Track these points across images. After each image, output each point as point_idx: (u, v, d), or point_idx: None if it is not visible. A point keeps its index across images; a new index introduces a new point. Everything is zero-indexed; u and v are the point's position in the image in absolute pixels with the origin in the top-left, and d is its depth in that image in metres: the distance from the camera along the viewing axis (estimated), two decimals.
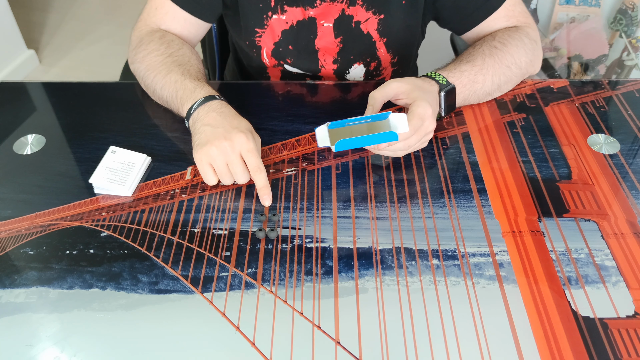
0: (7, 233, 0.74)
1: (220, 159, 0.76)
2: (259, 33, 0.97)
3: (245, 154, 0.76)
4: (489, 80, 0.88)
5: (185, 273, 0.69)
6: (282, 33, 0.97)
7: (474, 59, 0.87)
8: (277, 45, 0.99)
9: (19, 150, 0.86)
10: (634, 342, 0.61)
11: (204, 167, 0.76)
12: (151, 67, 0.88)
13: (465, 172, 0.81)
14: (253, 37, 0.98)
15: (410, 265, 0.69)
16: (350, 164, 0.83)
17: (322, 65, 1.01)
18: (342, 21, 0.95)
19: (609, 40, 1.73)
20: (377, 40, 0.98)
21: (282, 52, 1.00)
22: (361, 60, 1.01)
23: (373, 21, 0.95)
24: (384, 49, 1.00)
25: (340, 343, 0.61)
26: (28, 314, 0.65)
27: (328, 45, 0.98)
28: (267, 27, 0.96)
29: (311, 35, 0.97)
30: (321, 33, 0.96)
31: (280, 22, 0.95)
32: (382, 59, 1.01)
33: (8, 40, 2.27)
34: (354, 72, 1.03)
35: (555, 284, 0.67)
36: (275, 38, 0.98)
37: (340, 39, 0.97)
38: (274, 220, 0.75)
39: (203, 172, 0.77)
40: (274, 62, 1.02)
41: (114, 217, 0.76)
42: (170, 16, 0.94)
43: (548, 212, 0.75)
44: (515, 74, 0.91)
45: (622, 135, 0.87)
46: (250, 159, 0.76)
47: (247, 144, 0.76)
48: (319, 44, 0.98)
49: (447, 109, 0.86)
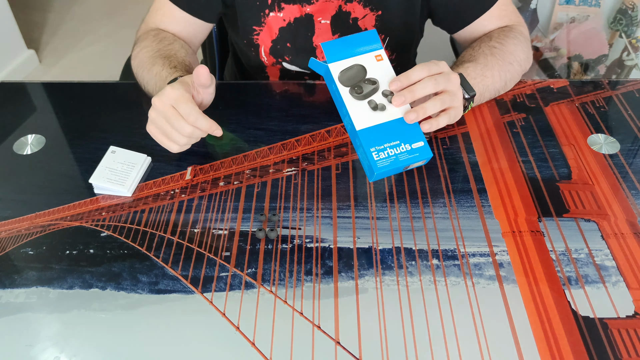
0: (7, 233, 0.74)
1: (159, 119, 0.74)
2: (256, 31, 0.97)
3: (176, 104, 0.72)
4: (497, 76, 0.87)
5: (185, 273, 0.69)
6: (279, 30, 0.97)
7: (476, 58, 0.87)
8: (274, 42, 0.99)
9: (19, 150, 0.86)
10: (634, 342, 0.61)
11: (157, 136, 0.76)
12: (141, 64, 0.89)
13: (465, 172, 0.81)
14: (251, 36, 0.98)
15: (410, 265, 0.69)
16: (350, 164, 0.83)
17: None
18: (340, 18, 0.95)
19: (609, 40, 1.73)
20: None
21: (280, 50, 1.00)
22: None
23: (371, 18, 0.95)
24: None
25: (340, 343, 0.61)
26: (28, 314, 0.65)
27: None
28: (265, 24, 0.96)
29: (308, 32, 0.97)
30: (319, 30, 0.96)
31: (278, 20, 0.96)
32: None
33: (8, 40, 2.27)
34: None
35: (555, 284, 0.67)
36: (272, 36, 0.98)
37: (338, 36, 0.97)
38: (274, 220, 0.75)
39: (160, 142, 0.76)
40: (273, 60, 1.02)
41: (114, 217, 0.76)
42: (169, 17, 0.94)
43: (548, 212, 0.75)
44: (517, 71, 0.91)
45: (622, 135, 0.87)
46: (181, 107, 0.72)
47: (172, 94, 0.72)
48: (316, 41, 0.98)
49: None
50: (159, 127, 0.75)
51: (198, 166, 0.83)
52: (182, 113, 0.72)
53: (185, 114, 0.72)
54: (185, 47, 0.93)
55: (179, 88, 0.73)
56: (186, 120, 0.72)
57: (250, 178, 0.82)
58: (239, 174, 0.82)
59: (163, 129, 0.74)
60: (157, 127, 0.75)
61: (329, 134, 0.88)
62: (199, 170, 0.83)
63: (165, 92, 0.73)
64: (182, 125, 0.73)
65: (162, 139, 0.76)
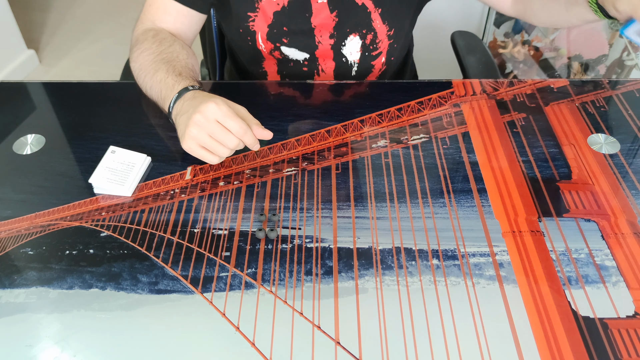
0: (7, 233, 0.74)
1: (202, 135, 0.75)
2: (251, 17, 0.97)
3: (223, 120, 0.74)
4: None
5: (185, 273, 0.69)
6: (274, 15, 0.97)
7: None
8: (270, 27, 0.98)
9: (18, 150, 0.86)
10: (634, 342, 0.61)
11: (198, 151, 0.76)
12: (143, 67, 0.89)
13: (465, 172, 0.81)
14: (246, 23, 0.98)
15: (410, 265, 0.69)
16: (350, 164, 0.83)
17: (319, 42, 1.01)
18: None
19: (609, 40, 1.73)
20: (373, 11, 0.98)
21: (277, 34, 0.99)
22: (357, 32, 1.01)
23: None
24: (379, 20, 0.99)
25: (340, 343, 0.61)
26: (28, 314, 0.65)
27: (324, 21, 0.98)
28: (259, 10, 0.96)
29: (306, 13, 0.97)
30: (316, 10, 0.96)
31: (271, 4, 0.96)
32: (377, 30, 1.01)
33: (8, 40, 2.27)
34: (350, 44, 1.02)
35: (555, 284, 0.67)
36: (268, 20, 0.97)
37: (336, 13, 0.97)
38: (273, 220, 0.75)
39: (201, 156, 0.76)
40: (270, 46, 1.01)
41: (113, 217, 0.76)
42: (162, 10, 0.94)
43: (548, 212, 0.75)
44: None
45: (622, 135, 0.87)
46: (229, 123, 0.74)
47: (218, 110, 0.74)
48: (315, 22, 0.98)
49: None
50: (204, 142, 0.75)
51: (198, 166, 0.83)
52: (231, 128, 0.74)
53: (234, 130, 0.74)
54: (185, 47, 0.93)
55: (223, 104, 0.75)
56: (235, 135, 0.75)
57: (250, 178, 0.82)
58: (238, 174, 0.82)
59: (208, 144, 0.75)
60: (202, 142, 0.75)
61: (329, 134, 0.88)
62: (199, 170, 0.83)
63: (208, 108, 0.74)
64: (231, 139, 0.75)
65: (203, 154, 0.76)
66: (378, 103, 0.94)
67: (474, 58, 1.20)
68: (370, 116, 0.91)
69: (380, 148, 0.86)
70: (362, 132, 0.88)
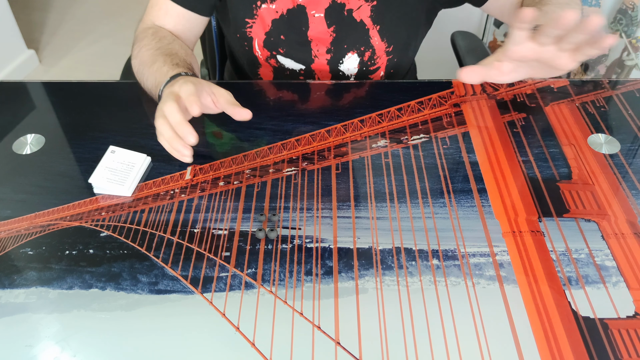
0: (6, 233, 0.74)
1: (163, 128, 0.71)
2: (249, 24, 0.97)
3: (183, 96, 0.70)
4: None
5: (185, 273, 0.69)
6: (272, 22, 0.96)
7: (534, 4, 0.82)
8: (268, 35, 0.98)
9: (18, 150, 0.86)
10: (634, 342, 0.61)
11: (166, 145, 0.72)
12: (142, 62, 0.88)
13: (465, 172, 0.81)
14: (244, 29, 0.98)
15: (410, 265, 0.69)
16: (350, 164, 0.83)
17: (316, 56, 1.01)
18: (334, 10, 0.94)
19: None
20: (371, 28, 0.97)
21: (274, 42, 0.99)
22: (355, 49, 1.00)
23: (366, 8, 0.94)
24: (377, 37, 0.98)
25: (340, 343, 0.61)
26: (28, 314, 0.65)
27: (321, 36, 0.97)
28: (257, 17, 0.96)
29: (302, 27, 0.96)
30: (313, 24, 0.96)
31: (270, 12, 0.95)
32: (376, 47, 1.00)
33: (8, 40, 2.27)
34: (347, 62, 1.02)
35: (555, 284, 0.67)
36: (265, 28, 0.97)
37: (334, 28, 0.96)
38: (273, 220, 0.75)
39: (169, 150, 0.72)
40: (267, 53, 1.01)
41: (113, 217, 0.76)
42: (163, 12, 0.94)
43: (548, 212, 0.75)
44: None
45: (622, 135, 0.87)
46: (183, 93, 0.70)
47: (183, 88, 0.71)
48: (311, 35, 0.97)
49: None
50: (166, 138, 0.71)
51: (198, 166, 0.83)
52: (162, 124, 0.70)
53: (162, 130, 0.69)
54: (184, 47, 0.92)
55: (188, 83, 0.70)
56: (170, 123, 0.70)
57: (250, 178, 0.82)
58: (238, 174, 0.82)
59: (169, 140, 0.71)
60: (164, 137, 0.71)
61: (329, 133, 0.88)
62: (199, 170, 0.83)
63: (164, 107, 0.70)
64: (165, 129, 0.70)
65: (169, 149, 0.72)
66: (378, 103, 0.94)
67: (474, 58, 1.20)
68: (370, 116, 0.91)
69: (380, 148, 0.86)
70: (362, 132, 0.88)
